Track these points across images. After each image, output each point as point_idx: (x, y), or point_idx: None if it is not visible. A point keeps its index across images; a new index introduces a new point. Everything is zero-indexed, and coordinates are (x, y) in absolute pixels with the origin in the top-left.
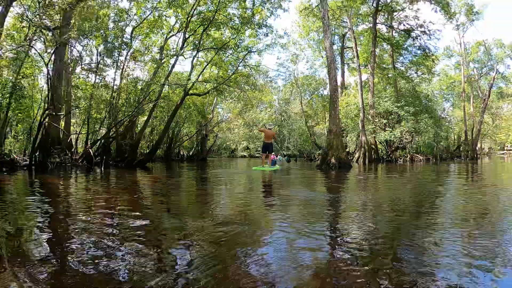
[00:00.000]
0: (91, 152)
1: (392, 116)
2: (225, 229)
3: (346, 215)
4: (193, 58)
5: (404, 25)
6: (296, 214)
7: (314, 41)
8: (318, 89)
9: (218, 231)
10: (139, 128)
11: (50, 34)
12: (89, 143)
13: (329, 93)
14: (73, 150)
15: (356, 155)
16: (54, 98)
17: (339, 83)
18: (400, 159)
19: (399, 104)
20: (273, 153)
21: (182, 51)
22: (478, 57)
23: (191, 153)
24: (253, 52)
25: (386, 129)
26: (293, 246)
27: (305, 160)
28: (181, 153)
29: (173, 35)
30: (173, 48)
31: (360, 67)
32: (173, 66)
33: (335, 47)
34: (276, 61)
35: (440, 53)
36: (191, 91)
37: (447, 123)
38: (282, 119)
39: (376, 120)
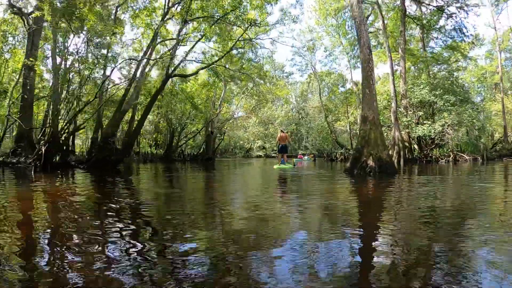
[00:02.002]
0: (42, 151)
1: (425, 108)
2: None
3: None
4: (179, 32)
5: (436, 0)
6: None
7: (332, 26)
8: (337, 84)
9: None
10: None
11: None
12: (41, 141)
13: (360, 66)
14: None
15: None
16: (22, 89)
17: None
18: (442, 159)
19: (437, 92)
20: (300, 153)
21: (162, 22)
22: (509, 45)
23: (195, 153)
24: (258, 25)
25: (425, 122)
26: None
27: (325, 160)
28: (185, 152)
29: (169, 18)
30: (173, 33)
31: (389, 50)
32: (152, 40)
33: (355, 33)
34: (291, 49)
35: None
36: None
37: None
38: (300, 117)
39: (410, 112)
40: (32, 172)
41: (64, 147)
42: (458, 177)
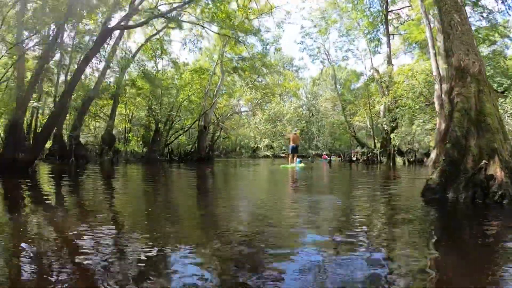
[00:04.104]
0: None
1: None
2: None
3: None
4: None
5: None
6: None
7: (348, 3)
8: (356, 73)
9: None
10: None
11: None
12: None
13: None
14: None
15: (432, 156)
16: None
17: (385, 56)
18: None
19: (487, 74)
20: (325, 153)
21: None
22: None
23: (187, 152)
24: None
25: None
26: None
27: (342, 161)
28: (177, 151)
29: None
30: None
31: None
32: None
33: (373, 10)
34: (300, 32)
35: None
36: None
37: None
38: (311, 114)
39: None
40: None
41: None
42: None
